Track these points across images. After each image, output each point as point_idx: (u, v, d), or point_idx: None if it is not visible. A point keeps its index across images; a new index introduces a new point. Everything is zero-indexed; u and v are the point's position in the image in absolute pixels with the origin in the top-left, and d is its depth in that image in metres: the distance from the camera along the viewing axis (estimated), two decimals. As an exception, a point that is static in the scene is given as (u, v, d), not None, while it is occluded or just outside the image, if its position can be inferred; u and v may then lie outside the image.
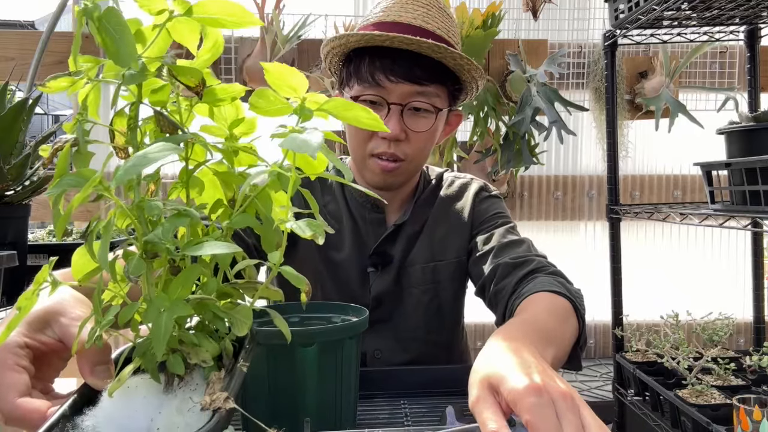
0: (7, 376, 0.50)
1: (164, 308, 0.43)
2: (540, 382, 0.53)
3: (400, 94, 0.99)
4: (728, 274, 2.49)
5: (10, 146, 1.03)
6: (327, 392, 0.71)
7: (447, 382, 0.95)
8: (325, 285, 1.10)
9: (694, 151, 1.50)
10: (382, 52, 0.98)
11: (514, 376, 0.54)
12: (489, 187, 1.19)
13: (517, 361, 0.58)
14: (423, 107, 1.01)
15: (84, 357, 0.49)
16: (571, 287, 0.92)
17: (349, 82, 1.04)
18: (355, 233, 1.11)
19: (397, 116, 1.00)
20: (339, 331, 0.72)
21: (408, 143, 1.02)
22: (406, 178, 1.09)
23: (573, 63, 2.33)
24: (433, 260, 1.11)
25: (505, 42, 2.22)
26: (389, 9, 1.01)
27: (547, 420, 0.50)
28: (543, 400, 0.51)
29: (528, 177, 2.43)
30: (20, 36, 2.12)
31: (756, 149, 1.02)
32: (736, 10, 1.24)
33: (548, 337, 0.74)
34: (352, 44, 1.00)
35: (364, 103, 1.01)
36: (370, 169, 1.05)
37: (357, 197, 1.12)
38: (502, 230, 1.08)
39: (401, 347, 1.11)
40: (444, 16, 1.03)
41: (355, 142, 1.05)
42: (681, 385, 1.01)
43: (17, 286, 1.36)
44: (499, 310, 0.97)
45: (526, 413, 0.50)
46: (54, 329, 0.53)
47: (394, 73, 0.98)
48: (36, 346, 0.52)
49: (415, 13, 1.00)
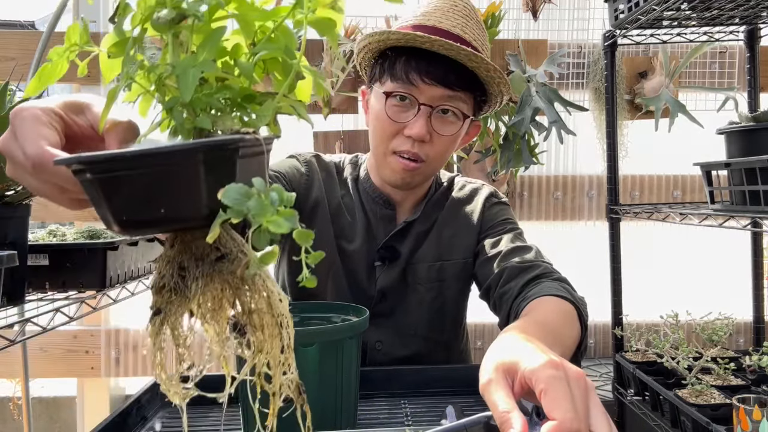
0: (40, 128, 0.48)
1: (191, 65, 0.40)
2: (557, 360, 0.54)
3: (431, 96, 1.01)
4: (728, 274, 2.49)
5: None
6: (327, 392, 0.71)
7: (447, 382, 0.95)
8: (337, 272, 1.13)
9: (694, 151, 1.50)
10: (418, 53, 1.00)
11: (532, 355, 0.56)
12: (499, 194, 1.22)
13: (533, 347, 0.59)
14: (452, 110, 1.03)
15: (113, 133, 0.48)
16: (576, 294, 0.94)
17: (382, 78, 1.05)
18: (366, 227, 1.14)
19: (425, 117, 1.01)
20: (339, 331, 0.72)
21: (431, 145, 1.04)
22: (422, 180, 1.11)
23: (573, 63, 2.33)
24: (440, 259, 1.13)
25: (505, 42, 2.22)
26: (430, 14, 1.03)
27: (561, 389, 0.51)
28: (559, 373, 0.52)
29: (528, 177, 2.43)
30: (20, 36, 2.12)
31: (756, 149, 1.02)
32: (736, 10, 1.24)
33: (554, 336, 0.75)
34: (391, 42, 1.02)
35: (394, 98, 1.03)
36: (391, 167, 1.06)
37: (370, 193, 1.14)
38: (510, 236, 1.10)
39: (402, 342, 1.13)
40: (480, 29, 1.06)
41: (378, 137, 1.07)
42: (681, 385, 1.01)
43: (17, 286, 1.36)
44: (503, 312, 0.98)
45: (542, 383, 0.52)
46: (87, 116, 0.52)
47: (429, 75, 1.00)
48: (69, 122, 0.51)
49: (454, 21, 1.02)
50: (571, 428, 0.49)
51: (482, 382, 0.56)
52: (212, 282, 0.42)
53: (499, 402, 0.52)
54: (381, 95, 1.04)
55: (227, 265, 0.42)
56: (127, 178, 0.39)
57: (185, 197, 0.39)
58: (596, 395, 0.54)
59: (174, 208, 0.39)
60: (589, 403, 0.52)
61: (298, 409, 0.47)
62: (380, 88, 1.05)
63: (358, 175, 1.18)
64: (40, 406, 2.34)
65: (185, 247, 0.43)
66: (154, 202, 0.39)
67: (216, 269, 0.42)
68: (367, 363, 1.10)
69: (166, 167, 0.38)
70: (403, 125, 1.03)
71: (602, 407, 0.53)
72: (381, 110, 1.04)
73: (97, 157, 0.39)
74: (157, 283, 0.43)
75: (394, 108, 1.03)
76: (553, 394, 0.50)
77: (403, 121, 1.03)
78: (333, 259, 1.12)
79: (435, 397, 0.92)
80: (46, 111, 0.49)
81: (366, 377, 0.89)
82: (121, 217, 0.40)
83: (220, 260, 0.42)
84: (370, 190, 1.15)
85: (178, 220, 0.40)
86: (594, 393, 0.53)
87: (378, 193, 1.14)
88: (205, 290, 0.42)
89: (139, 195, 0.39)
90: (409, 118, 1.02)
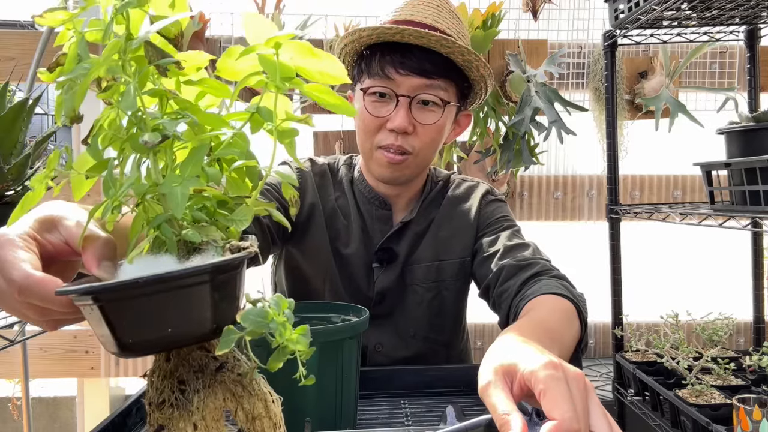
0: (19, 252, 0.48)
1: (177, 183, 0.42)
2: (556, 361, 0.54)
3: (409, 86, 1.01)
4: (728, 274, 2.49)
5: (10, 146, 1.03)
6: (327, 392, 0.71)
7: (447, 382, 0.95)
8: (333, 277, 1.12)
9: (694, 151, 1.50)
10: (393, 47, 1.01)
11: (531, 357, 0.56)
12: (495, 190, 1.21)
13: (532, 349, 0.59)
14: (431, 100, 1.03)
15: (91, 250, 0.47)
16: (575, 291, 0.93)
17: (361, 77, 1.06)
18: (362, 229, 1.13)
19: (405, 108, 1.01)
20: (339, 331, 0.72)
21: (416, 136, 1.04)
22: (412, 173, 1.10)
23: (573, 63, 2.33)
24: (438, 259, 1.12)
25: (505, 42, 2.22)
26: (401, 9, 1.04)
27: (560, 389, 0.51)
28: (558, 373, 0.52)
29: (528, 177, 2.43)
30: (20, 36, 2.12)
31: (756, 149, 1.02)
32: (736, 10, 1.24)
33: (553, 337, 0.75)
34: (364, 39, 1.02)
35: (373, 95, 1.03)
36: (377, 162, 1.06)
37: (365, 193, 1.13)
38: (508, 233, 1.09)
39: (402, 343, 1.12)
40: (454, 17, 1.06)
41: (363, 134, 1.07)
42: (681, 385, 1.01)
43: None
44: (503, 311, 0.97)
45: (541, 383, 0.52)
46: (60, 231, 0.52)
47: (403, 66, 1.00)
48: (43, 243, 0.51)
49: (426, 12, 1.03)
50: (571, 428, 0.49)
51: (481, 385, 0.56)
52: (214, 393, 0.43)
53: (498, 404, 0.52)
54: (361, 93, 1.04)
55: (228, 374, 0.43)
56: (137, 303, 0.39)
57: (193, 315, 0.40)
58: (596, 395, 0.54)
59: (181, 326, 0.40)
60: (588, 403, 0.52)
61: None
62: (359, 86, 1.06)
63: (353, 176, 1.18)
64: (40, 406, 2.34)
65: (182, 360, 0.44)
66: (161, 322, 0.40)
67: (218, 379, 0.43)
68: (367, 365, 1.09)
69: (177, 290, 0.40)
70: (384, 119, 1.03)
71: (602, 407, 0.53)
72: (362, 108, 1.04)
73: (109, 287, 0.40)
74: (155, 399, 0.43)
75: (374, 104, 1.04)
76: (553, 394, 0.50)
77: (384, 115, 1.03)
78: (329, 265, 1.12)
79: (435, 397, 0.92)
80: (21, 236, 0.49)
81: (366, 377, 0.89)
82: (126, 340, 0.40)
83: (220, 370, 0.43)
84: (365, 191, 1.14)
85: (185, 337, 0.41)
86: (593, 393, 0.53)
87: (373, 194, 1.13)
88: (207, 402, 0.43)
89: (147, 317, 0.40)
90: (389, 112, 1.02)
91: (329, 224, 1.13)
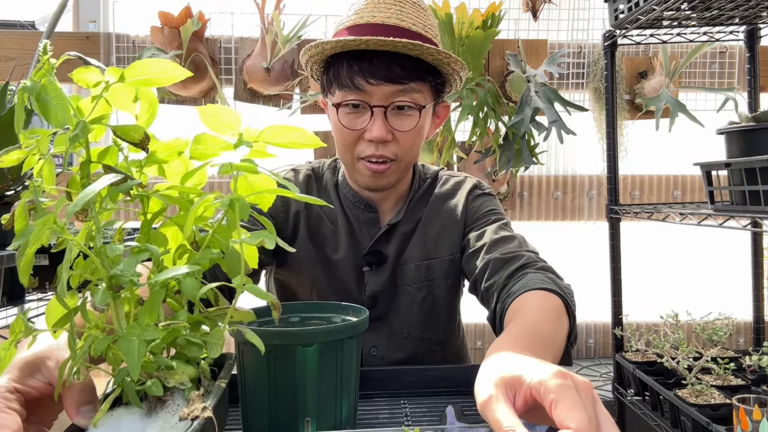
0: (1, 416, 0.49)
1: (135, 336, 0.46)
2: (564, 371, 0.53)
3: (382, 95, 0.98)
4: (728, 274, 2.49)
5: (10, 146, 1.03)
6: (327, 392, 0.71)
7: (447, 382, 0.95)
8: (322, 285, 1.11)
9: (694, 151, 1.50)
10: (359, 55, 0.97)
11: (536, 368, 0.54)
12: (482, 184, 1.19)
13: (533, 359, 0.58)
14: (406, 104, 1.00)
15: (69, 397, 0.49)
16: (561, 283, 0.92)
17: (331, 88, 1.03)
18: (350, 233, 1.12)
19: (381, 118, 0.99)
20: (339, 331, 0.72)
21: (396, 143, 1.02)
22: (397, 178, 1.08)
23: (573, 63, 2.34)
24: (427, 258, 1.11)
25: (505, 42, 2.22)
26: (362, 11, 1.00)
27: (572, 397, 0.50)
28: (568, 382, 0.51)
29: (528, 177, 2.43)
30: (20, 36, 2.12)
31: (756, 149, 1.02)
32: (736, 11, 1.24)
33: (545, 342, 0.74)
34: (328, 51, 1.00)
35: (346, 107, 1.01)
36: (360, 172, 1.04)
37: (350, 198, 1.12)
38: (495, 227, 1.07)
39: (397, 345, 1.12)
40: (418, 10, 1.02)
41: (342, 146, 1.05)
42: (681, 385, 1.01)
43: (17, 286, 1.36)
44: (490, 306, 0.96)
45: (552, 393, 0.50)
46: (43, 373, 0.54)
47: (373, 75, 0.97)
48: (26, 390, 0.52)
49: (388, 12, 0.99)
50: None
51: (482, 399, 0.54)
52: None
53: (503, 418, 0.50)
54: (333, 107, 1.02)
55: None
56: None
57: None
58: (603, 405, 0.53)
59: None
60: (597, 413, 0.51)
61: None
62: (332, 99, 1.03)
63: (338, 180, 1.16)
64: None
65: None
66: None
67: None
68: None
69: None
70: (362, 130, 1.01)
71: (610, 417, 0.52)
72: (336, 121, 1.02)
73: None
74: None
75: (348, 116, 1.01)
76: (566, 404, 0.49)
77: (360, 126, 1.00)
78: (315, 273, 1.11)
79: (435, 397, 0.92)
80: (3, 395, 0.50)
81: (366, 377, 0.89)
82: None
83: None
84: (350, 195, 1.13)
85: None
86: (600, 403, 0.52)
87: (358, 198, 1.12)
88: None
89: None
90: (365, 123, 1.00)
91: (316, 231, 1.12)
